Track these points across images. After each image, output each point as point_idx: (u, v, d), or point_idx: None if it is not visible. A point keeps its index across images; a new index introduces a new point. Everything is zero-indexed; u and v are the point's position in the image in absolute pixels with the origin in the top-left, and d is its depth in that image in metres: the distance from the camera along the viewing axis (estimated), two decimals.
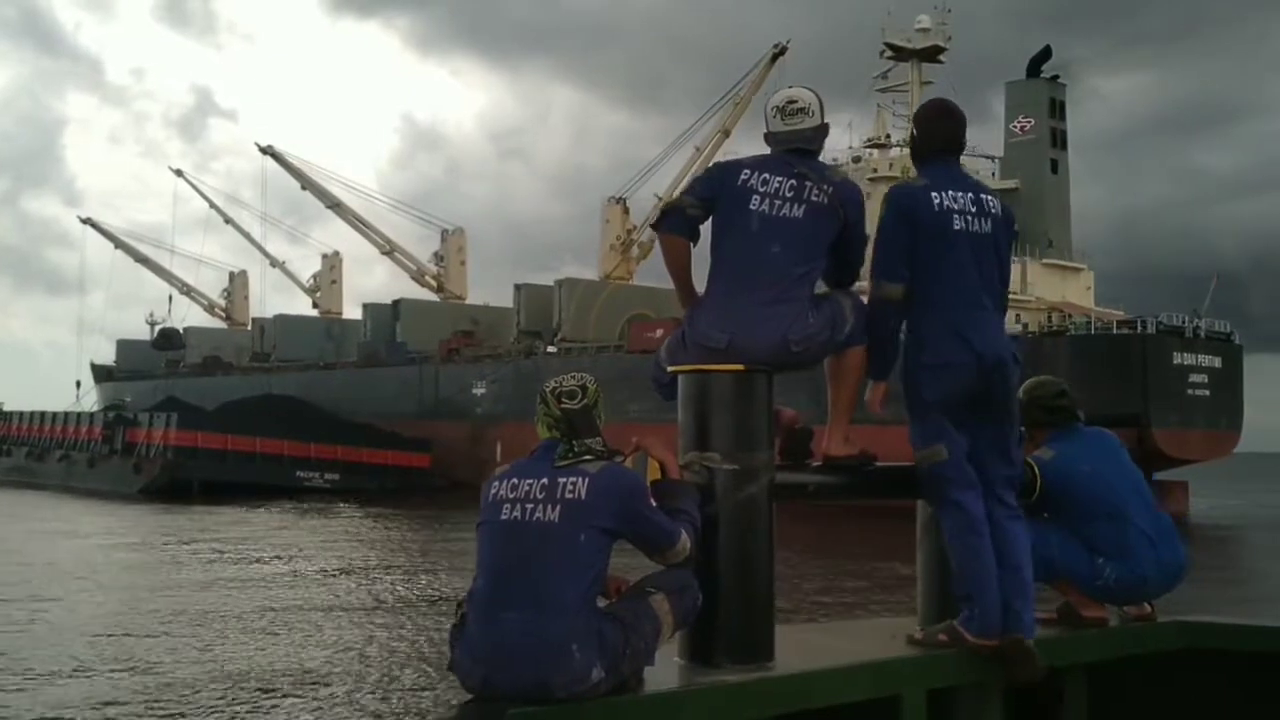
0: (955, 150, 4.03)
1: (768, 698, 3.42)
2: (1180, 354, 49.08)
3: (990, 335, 3.86)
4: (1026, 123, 56.10)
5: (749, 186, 3.77)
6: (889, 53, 60.74)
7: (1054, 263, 55.81)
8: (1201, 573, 32.16)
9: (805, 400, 4.54)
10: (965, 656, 3.80)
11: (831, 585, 23.57)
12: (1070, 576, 4.32)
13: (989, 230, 3.89)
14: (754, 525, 3.56)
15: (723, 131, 69.25)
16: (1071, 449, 4.42)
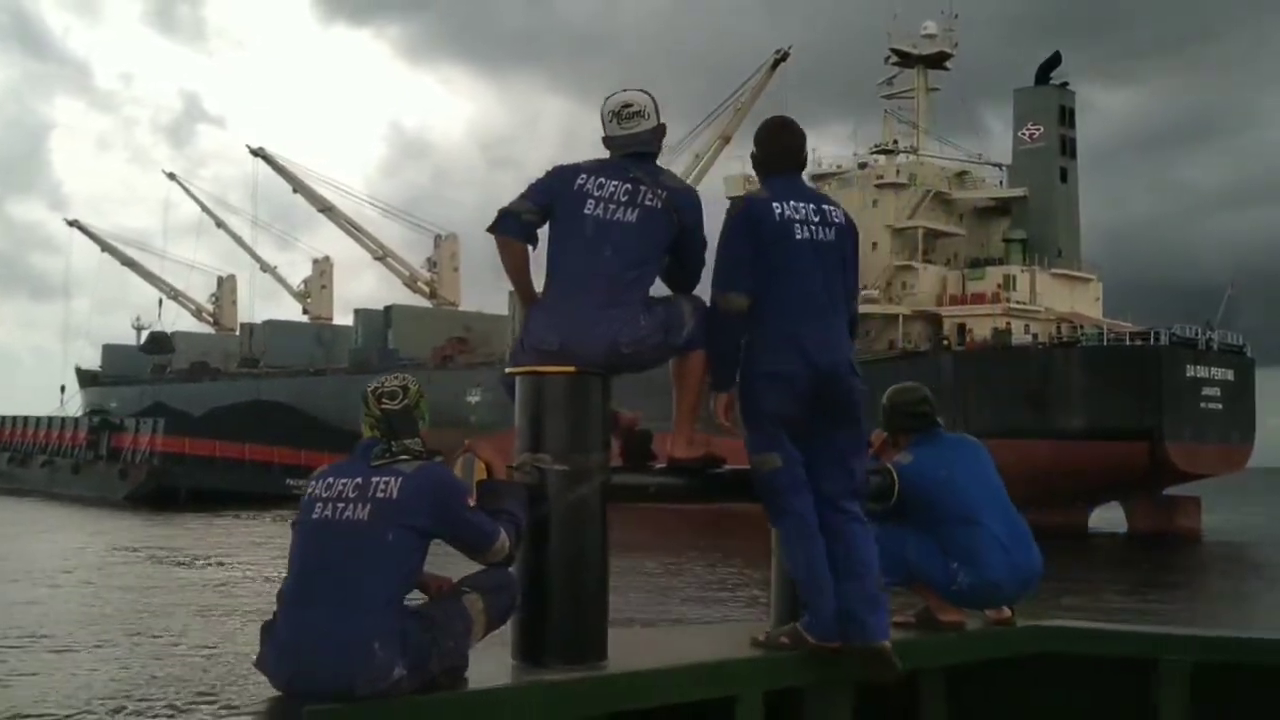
0: (796, 163, 4.06)
1: (592, 697, 3.41)
2: (1194, 367, 48.09)
3: (829, 346, 3.85)
4: (1035, 130, 55.12)
5: (584, 191, 3.78)
6: (894, 58, 59.84)
7: (1063, 273, 54.85)
8: (1211, 591, 31.67)
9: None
10: (806, 659, 3.81)
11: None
12: (926, 581, 4.35)
13: (832, 239, 3.91)
14: (586, 526, 3.58)
15: (723, 138, 68.20)
16: (930, 454, 4.43)
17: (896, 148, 58.18)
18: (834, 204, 4.07)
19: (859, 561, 3.86)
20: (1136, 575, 35.18)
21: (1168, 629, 4.97)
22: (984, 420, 48.87)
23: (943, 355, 50.67)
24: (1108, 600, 26.99)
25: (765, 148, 4.09)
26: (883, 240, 55.85)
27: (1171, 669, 4.14)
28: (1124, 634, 4.59)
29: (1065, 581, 30.70)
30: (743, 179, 58.77)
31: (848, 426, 3.92)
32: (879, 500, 4.33)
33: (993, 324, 50.90)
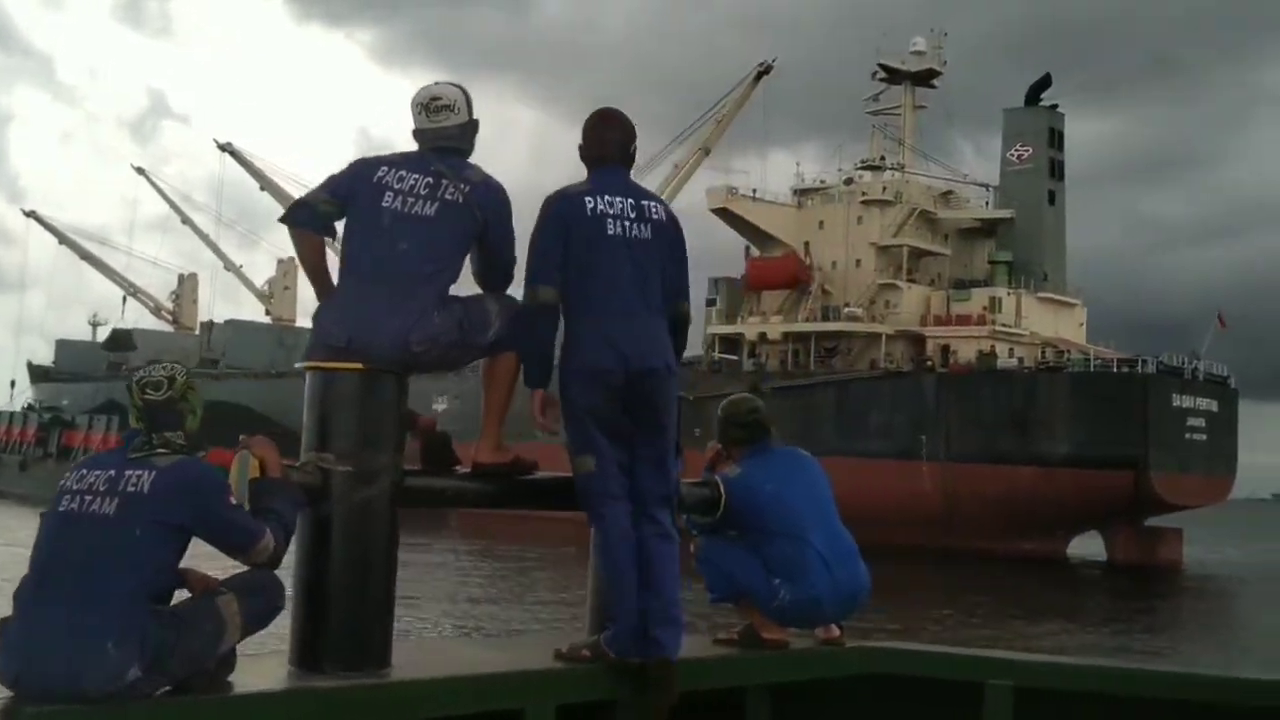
0: (619, 157, 3.92)
1: (367, 706, 3.34)
2: (1179, 396, 47.33)
3: (643, 343, 3.75)
4: (1024, 151, 54.33)
5: (384, 183, 3.68)
6: (882, 74, 58.93)
7: (1048, 297, 54.05)
8: (1192, 625, 30.70)
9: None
10: (605, 673, 3.74)
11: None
12: (750, 597, 4.28)
13: (649, 236, 3.81)
14: (371, 528, 3.48)
15: (703, 149, 67.14)
16: (758, 468, 4.36)
17: (883, 164, 57.22)
18: (656, 200, 3.92)
19: (663, 578, 3.75)
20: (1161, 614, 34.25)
21: (992, 653, 5.02)
22: (967, 444, 48.01)
23: (926, 376, 49.66)
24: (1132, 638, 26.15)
25: (588, 140, 3.96)
26: (867, 257, 54.87)
27: (996, 692, 4.15)
28: (950, 657, 4.62)
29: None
30: (724, 190, 57.71)
31: (663, 428, 3.82)
32: (706, 513, 4.28)
33: (977, 346, 49.88)
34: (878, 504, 48.60)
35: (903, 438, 49.02)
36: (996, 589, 35.95)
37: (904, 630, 23.35)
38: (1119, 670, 4.61)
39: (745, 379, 53.77)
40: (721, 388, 55.20)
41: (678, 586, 3.79)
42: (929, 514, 47.99)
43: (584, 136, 3.97)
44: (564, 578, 28.03)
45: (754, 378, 53.48)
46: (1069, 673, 4.39)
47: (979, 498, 47.10)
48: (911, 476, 48.60)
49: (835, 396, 50.97)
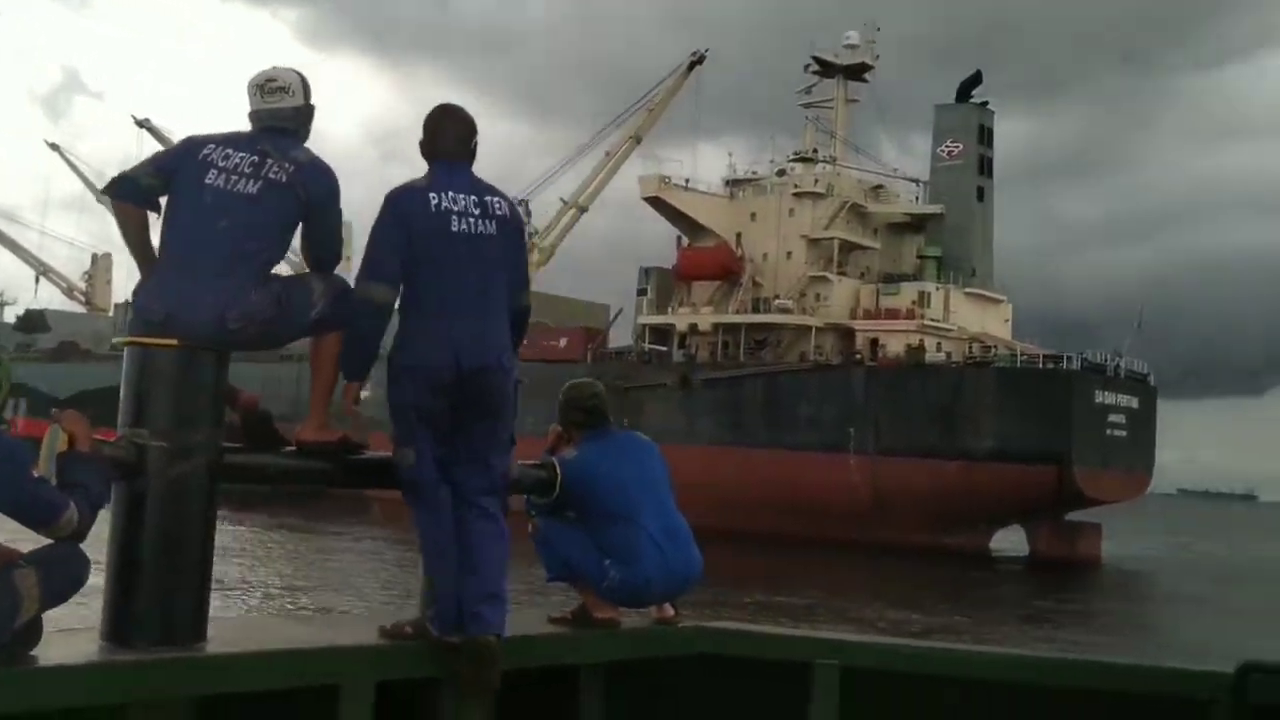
0: (461, 152, 3.93)
1: (177, 678, 3.35)
2: (1102, 393, 47.95)
3: (479, 342, 3.78)
4: (955, 148, 54.64)
5: (208, 160, 3.66)
6: (815, 67, 58.87)
7: (976, 292, 54.44)
8: (1110, 619, 31.16)
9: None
10: (426, 650, 3.79)
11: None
12: (583, 577, 4.38)
13: (493, 232, 3.83)
14: (186, 504, 3.51)
15: (634, 138, 66.66)
16: (595, 450, 4.43)
17: (816, 157, 57.15)
18: (500, 195, 3.92)
19: (483, 558, 3.83)
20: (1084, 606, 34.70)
21: (821, 633, 5.26)
22: (895, 437, 48.19)
23: (854, 370, 49.76)
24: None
25: (428, 135, 3.95)
26: (798, 250, 54.82)
27: (824, 672, 4.28)
28: (780, 637, 4.78)
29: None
30: (657, 179, 57.31)
31: (491, 422, 3.84)
32: (542, 494, 4.37)
33: (906, 341, 50.10)
34: (806, 497, 48.85)
35: (831, 431, 49.09)
36: (907, 581, 36.20)
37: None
38: (941, 651, 4.79)
39: (675, 370, 53.55)
40: (652, 378, 55.02)
41: (501, 567, 3.88)
42: (857, 508, 48.16)
43: (425, 131, 3.96)
44: None
45: (684, 369, 53.30)
46: (893, 653, 4.54)
47: (906, 492, 47.31)
48: (839, 470, 48.71)
49: (764, 388, 50.92)
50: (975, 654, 4.72)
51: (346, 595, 23.75)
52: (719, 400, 51.57)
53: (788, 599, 28.57)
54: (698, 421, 51.94)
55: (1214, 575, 48.82)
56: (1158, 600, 39.57)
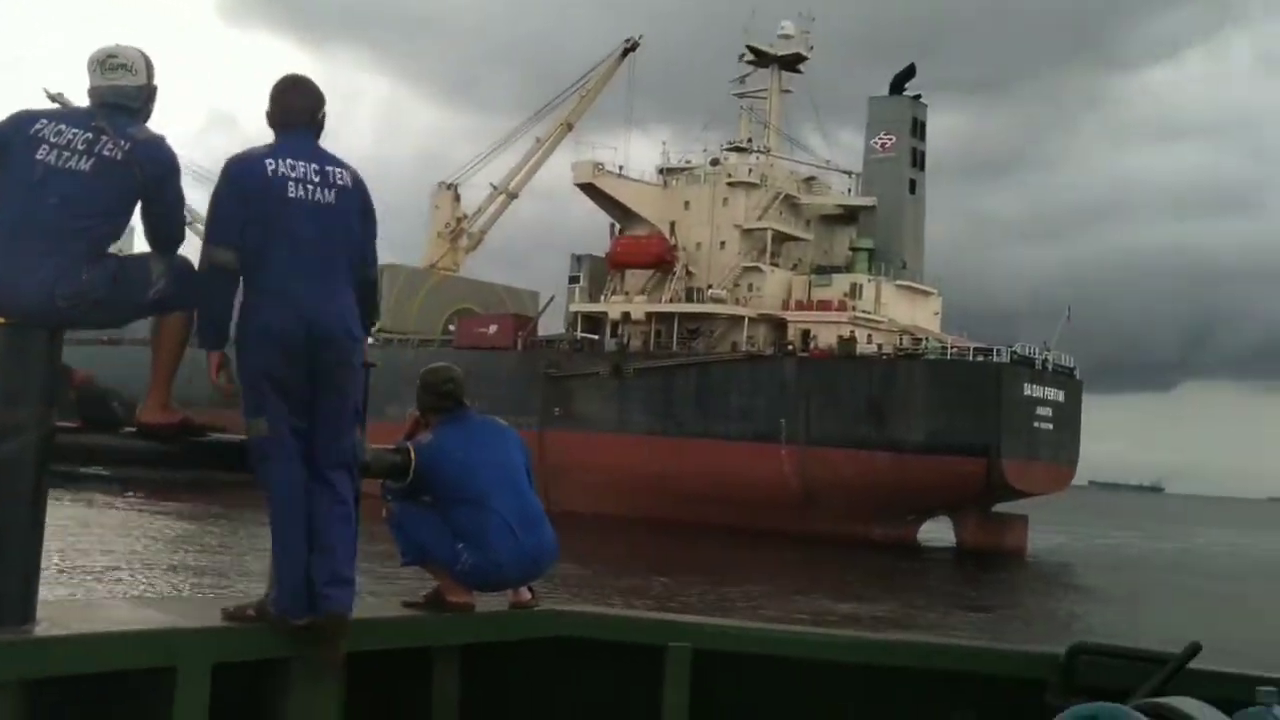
0: (306, 123, 3.93)
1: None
2: (1030, 385, 48.46)
3: (325, 307, 3.77)
4: (888, 140, 54.78)
5: (40, 136, 3.63)
6: (749, 56, 58.67)
7: (906, 285, 54.69)
8: (1035, 607, 31.74)
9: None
10: (266, 632, 3.76)
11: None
12: (437, 561, 4.40)
13: (333, 201, 3.84)
14: (13, 484, 3.46)
15: (566, 124, 66.13)
16: (452, 435, 4.47)
17: (750, 147, 56.93)
18: (344, 166, 3.92)
19: (333, 538, 3.79)
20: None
21: (674, 617, 5.30)
22: (825, 428, 48.29)
23: (786, 360, 49.74)
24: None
25: (273, 105, 3.96)
26: (731, 240, 54.61)
27: (676, 654, 4.34)
28: (633, 620, 4.87)
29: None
30: (591, 165, 56.75)
31: (343, 393, 3.83)
32: (397, 478, 4.37)
33: (838, 332, 50.19)
34: (736, 487, 48.78)
35: (762, 421, 49.08)
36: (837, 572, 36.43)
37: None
38: (790, 633, 4.92)
39: (607, 359, 53.10)
40: (584, 367, 54.51)
41: (351, 549, 3.85)
42: (787, 498, 48.22)
43: (271, 101, 3.95)
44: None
45: (616, 358, 52.87)
46: (744, 636, 4.61)
47: (836, 482, 47.48)
48: (770, 460, 48.72)
49: (697, 378, 50.72)
50: (822, 636, 4.89)
51: (232, 580, 23.15)
52: (651, 390, 51.25)
53: (724, 589, 28.65)
54: (630, 411, 51.62)
55: (1134, 565, 49.94)
56: (1080, 590, 40.14)
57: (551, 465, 53.58)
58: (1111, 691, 3.42)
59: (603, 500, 50.38)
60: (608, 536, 47.58)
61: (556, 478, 53.65)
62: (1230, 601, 35.97)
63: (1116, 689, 3.48)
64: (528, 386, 53.89)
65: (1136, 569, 48.27)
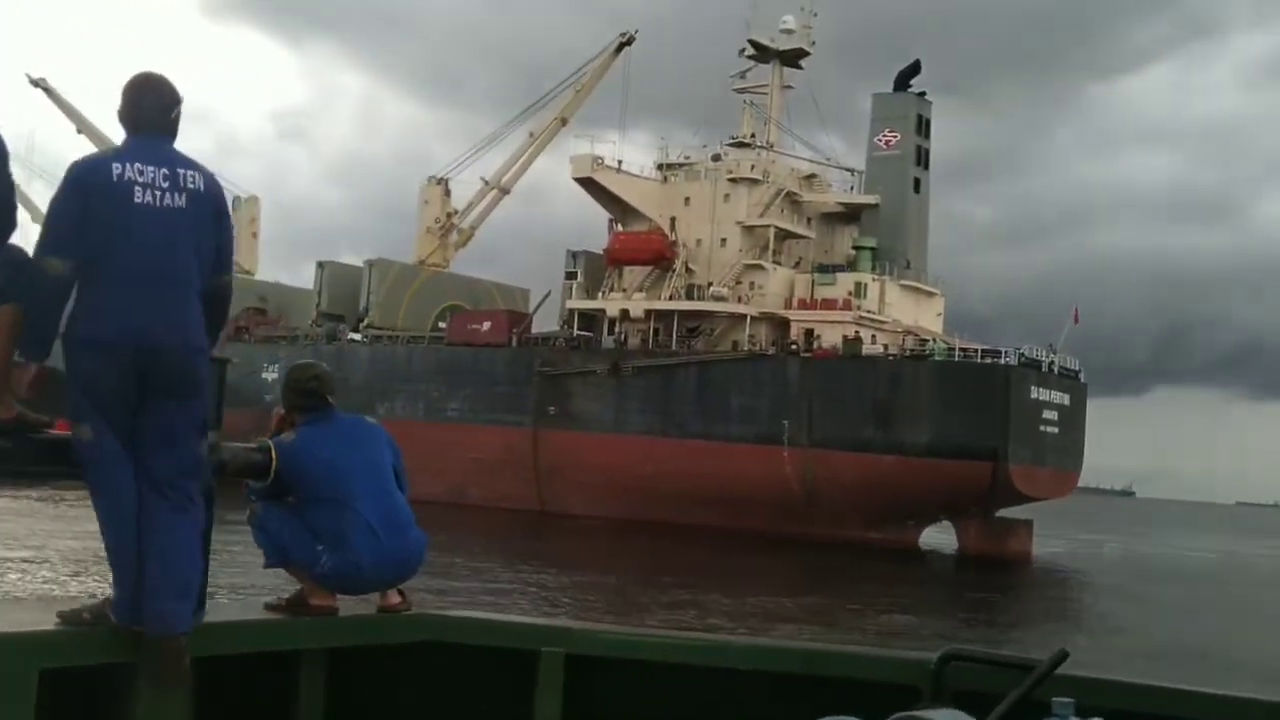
0: (159, 124, 3.77)
1: None
2: (1037, 389, 47.62)
3: (161, 316, 3.64)
4: (892, 137, 53.80)
5: None
6: (751, 51, 57.56)
7: (911, 285, 53.74)
8: (1056, 611, 30.92)
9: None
10: (100, 637, 3.67)
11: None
12: (298, 563, 4.31)
13: (183, 205, 3.71)
14: None
15: (560, 119, 64.93)
16: (316, 434, 4.35)
17: (754, 142, 55.79)
18: (197, 169, 3.76)
19: (169, 546, 3.67)
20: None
21: (547, 621, 5.43)
22: (829, 429, 47.29)
23: (790, 360, 48.70)
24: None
25: (125, 104, 3.78)
26: (732, 236, 53.48)
27: (549, 659, 4.32)
28: (506, 625, 4.75)
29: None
30: (590, 159, 55.54)
31: (181, 401, 3.69)
32: (257, 478, 4.30)
33: (842, 332, 49.18)
34: (736, 489, 47.70)
35: (765, 422, 48.04)
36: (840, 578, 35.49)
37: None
38: (662, 638, 4.86)
39: (606, 357, 51.89)
40: (581, 365, 53.30)
41: (191, 556, 3.75)
42: (788, 501, 47.20)
43: (123, 100, 3.80)
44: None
45: (614, 355, 51.66)
46: (617, 641, 4.57)
47: (839, 485, 46.52)
48: (772, 462, 47.69)
49: (697, 377, 49.63)
50: (695, 640, 4.87)
51: (77, 583, 21.91)
52: (650, 389, 50.12)
53: (714, 599, 27.75)
54: (628, 411, 50.48)
55: (1171, 575, 49.03)
56: (1099, 594, 39.30)
57: (546, 465, 52.52)
58: (979, 697, 3.43)
59: (598, 502, 49.33)
60: (601, 539, 46.67)
61: (550, 478, 52.62)
62: None
63: (985, 695, 3.47)
64: (522, 384, 52.71)
65: (1179, 580, 47.22)
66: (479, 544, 38.99)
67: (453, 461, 52.17)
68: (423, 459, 53.97)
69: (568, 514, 50.76)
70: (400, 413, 55.26)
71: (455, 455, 52.17)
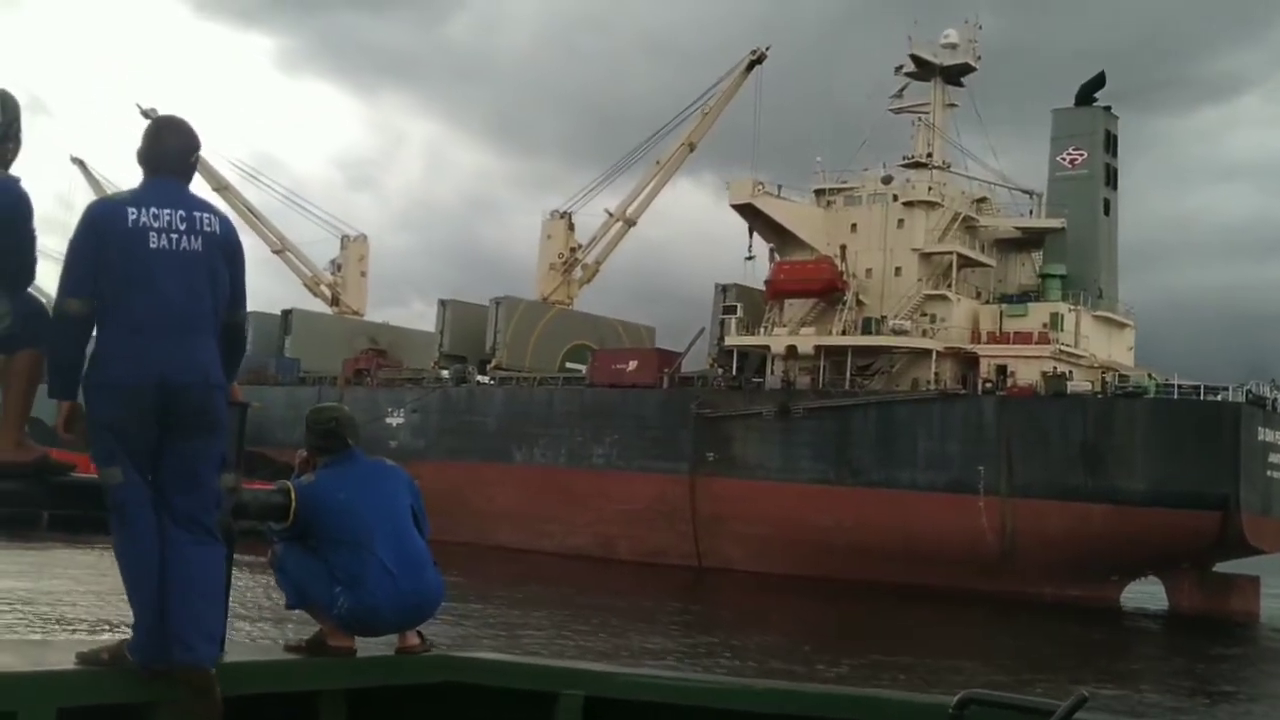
0: (176, 168, 3.90)
1: None
2: (1264, 429, 42.64)
3: (179, 358, 3.74)
4: (1078, 156, 49.34)
5: None
6: (910, 67, 53.46)
7: (1104, 315, 49.04)
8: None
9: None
10: (121, 678, 3.74)
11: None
12: (315, 604, 4.37)
13: (199, 248, 3.80)
14: None
15: (687, 144, 61.35)
16: (335, 476, 4.44)
17: (930, 162, 51.45)
18: (211, 212, 3.87)
19: (192, 585, 3.72)
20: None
21: (566, 663, 5.35)
22: (1031, 475, 42.62)
23: (984, 400, 44.10)
24: None
25: (146, 146, 3.91)
26: (908, 265, 49.13)
27: (568, 701, 4.33)
28: (525, 666, 4.77)
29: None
30: (750, 184, 51.54)
31: (200, 441, 3.77)
32: (277, 519, 4.34)
33: (1040, 368, 44.52)
34: (923, 542, 43.14)
35: (956, 468, 43.45)
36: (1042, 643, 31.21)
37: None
38: (682, 680, 4.83)
39: (772, 397, 47.53)
40: (745, 407, 48.99)
41: (214, 595, 3.80)
42: (981, 554, 42.59)
43: (144, 142, 3.90)
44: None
45: (782, 396, 47.30)
46: (636, 684, 4.54)
47: (1042, 538, 41.87)
48: (965, 511, 43.07)
49: (877, 419, 45.13)
50: (714, 684, 4.87)
51: (95, 624, 21.78)
52: (823, 432, 45.68)
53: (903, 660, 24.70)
54: (798, 456, 46.06)
55: None
56: None
57: (705, 516, 48.19)
58: None
59: (764, 557, 44.98)
60: (770, 598, 42.41)
61: (710, 530, 48.26)
62: None
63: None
64: (676, 428, 48.52)
65: None
66: (630, 603, 35.67)
67: (600, 511, 48.34)
68: (567, 508, 50.66)
69: (730, 569, 46.38)
70: (540, 458, 51.46)
71: (602, 505, 48.30)
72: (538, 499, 49.46)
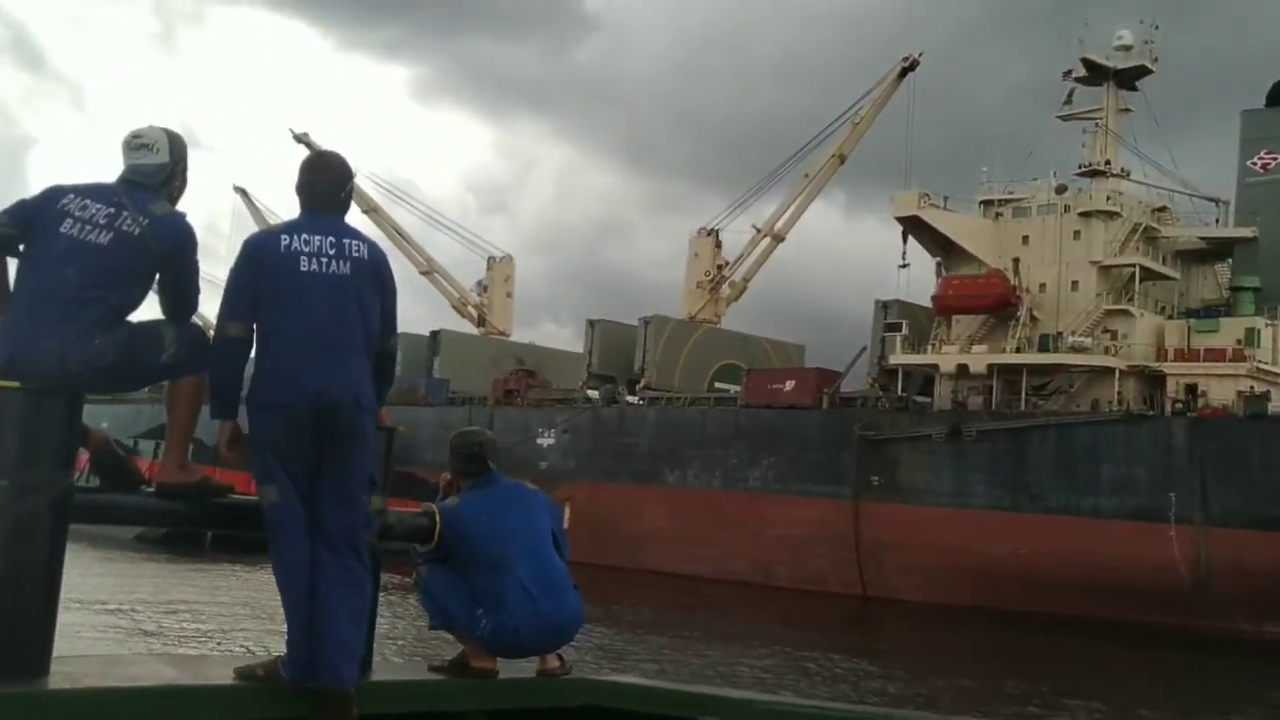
0: (327, 203, 4.06)
1: (11, 714, 3.42)
2: None
3: (331, 376, 3.86)
4: (1270, 159, 46.18)
5: (65, 210, 3.88)
6: (1080, 71, 50.80)
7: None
8: None
9: None
10: (274, 694, 3.82)
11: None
12: (460, 626, 4.43)
13: (348, 272, 3.95)
14: (30, 541, 3.58)
15: (838, 156, 59.47)
16: (478, 500, 4.52)
17: (1108, 170, 48.73)
18: (361, 239, 4.02)
19: (338, 604, 3.81)
20: None
21: (705, 689, 5.29)
22: (1229, 503, 39.57)
23: (1175, 421, 41.23)
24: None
25: (299, 183, 4.10)
26: (1085, 279, 46.48)
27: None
28: (668, 692, 4.75)
29: None
30: (916, 196, 49.53)
31: (350, 461, 3.89)
32: (423, 542, 4.43)
33: (1235, 387, 41.46)
34: (1106, 572, 40.50)
35: (1144, 495, 40.65)
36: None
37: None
38: (831, 709, 4.79)
39: (942, 419, 45.36)
40: (912, 429, 46.96)
41: (358, 615, 3.87)
42: (1171, 587, 39.72)
43: (299, 177, 4.06)
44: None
45: (953, 417, 45.09)
46: (771, 711, 4.49)
47: (1241, 570, 38.82)
48: (1154, 541, 40.25)
49: (1056, 442, 42.56)
50: (854, 712, 4.81)
51: (252, 639, 22.30)
52: (997, 456, 43.29)
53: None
54: (971, 481, 43.73)
55: None
56: None
57: (870, 543, 46.14)
58: None
59: (934, 586, 42.70)
60: (941, 630, 40.29)
61: (875, 558, 46.22)
62: None
63: None
64: (838, 451, 46.61)
65: None
66: (791, 634, 34.05)
67: (756, 536, 46.66)
68: (722, 532, 49.13)
69: (896, 599, 44.25)
70: (694, 481, 50.06)
71: (759, 529, 46.62)
72: (692, 522, 48.08)
